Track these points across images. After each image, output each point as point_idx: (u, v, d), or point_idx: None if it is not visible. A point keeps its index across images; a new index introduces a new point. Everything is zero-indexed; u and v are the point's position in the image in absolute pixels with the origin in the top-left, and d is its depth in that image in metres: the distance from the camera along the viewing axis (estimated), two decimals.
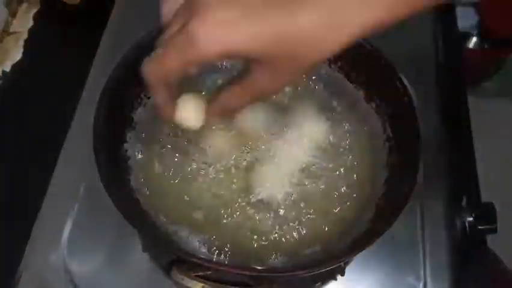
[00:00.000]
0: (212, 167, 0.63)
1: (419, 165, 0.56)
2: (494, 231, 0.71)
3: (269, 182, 0.62)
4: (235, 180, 0.62)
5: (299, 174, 0.63)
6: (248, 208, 0.61)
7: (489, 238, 0.73)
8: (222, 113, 0.52)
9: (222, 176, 0.63)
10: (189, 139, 0.64)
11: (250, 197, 0.61)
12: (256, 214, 0.60)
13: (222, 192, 0.62)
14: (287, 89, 0.70)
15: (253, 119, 0.65)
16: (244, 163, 0.63)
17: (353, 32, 0.42)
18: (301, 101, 0.69)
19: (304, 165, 0.63)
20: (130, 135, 0.64)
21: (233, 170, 0.63)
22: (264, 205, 0.61)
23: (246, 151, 0.64)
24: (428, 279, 0.67)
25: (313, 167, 0.64)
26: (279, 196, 0.61)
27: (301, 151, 0.64)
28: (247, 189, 0.62)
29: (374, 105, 0.66)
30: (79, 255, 0.69)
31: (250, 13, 0.41)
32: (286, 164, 0.63)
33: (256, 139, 0.65)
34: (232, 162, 0.63)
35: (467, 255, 0.71)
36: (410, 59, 0.81)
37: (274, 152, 0.64)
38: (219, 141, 0.65)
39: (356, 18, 0.41)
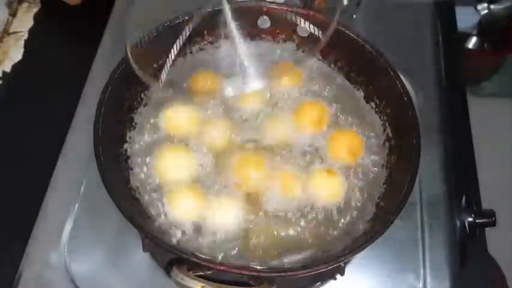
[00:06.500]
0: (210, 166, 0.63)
1: (418, 165, 0.56)
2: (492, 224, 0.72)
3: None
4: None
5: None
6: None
7: (489, 239, 0.73)
8: None
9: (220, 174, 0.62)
10: (188, 140, 0.65)
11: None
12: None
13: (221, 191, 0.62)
14: (287, 89, 0.70)
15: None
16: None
17: None
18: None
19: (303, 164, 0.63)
20: (130, 135, 0.64)
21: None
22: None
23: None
24: (428, 279, 0.67)
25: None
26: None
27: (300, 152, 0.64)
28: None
29: (374, 105, 0.67)
30: (79, 255, 0.69)
31: None
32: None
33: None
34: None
35: (467, 255, 0.71)
36: (410, 59, 0.82)
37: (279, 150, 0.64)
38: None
39: None
